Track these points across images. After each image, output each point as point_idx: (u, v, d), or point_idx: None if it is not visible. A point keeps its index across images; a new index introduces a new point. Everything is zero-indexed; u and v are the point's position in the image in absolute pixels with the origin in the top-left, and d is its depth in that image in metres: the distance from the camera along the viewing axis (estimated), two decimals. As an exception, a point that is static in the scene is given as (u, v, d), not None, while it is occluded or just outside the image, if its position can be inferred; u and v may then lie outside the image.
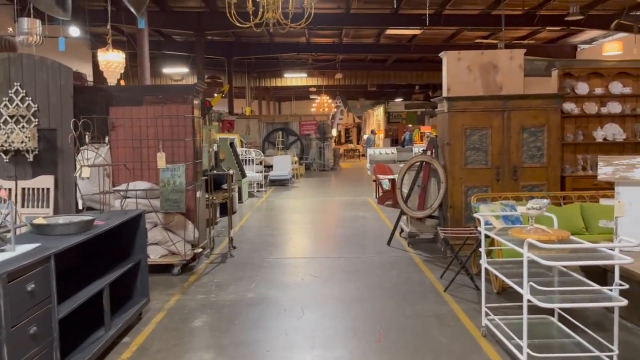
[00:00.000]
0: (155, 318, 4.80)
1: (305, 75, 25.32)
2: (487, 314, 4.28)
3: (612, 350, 3.46)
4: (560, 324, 4.13)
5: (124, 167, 6.33)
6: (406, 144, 22.60)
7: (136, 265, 4.67)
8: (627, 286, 3.34)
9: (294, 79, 26.15)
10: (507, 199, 5.75)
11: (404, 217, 7.81)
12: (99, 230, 3.85)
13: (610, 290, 3.41)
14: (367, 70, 25.49)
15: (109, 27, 9.25)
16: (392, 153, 15.34)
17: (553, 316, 4.22)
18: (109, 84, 9.73)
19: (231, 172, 7.62)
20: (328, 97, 28.76)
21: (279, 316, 4.84)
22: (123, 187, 6.07)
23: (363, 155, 28.62)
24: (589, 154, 7.25)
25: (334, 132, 27.71)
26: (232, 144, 12.00)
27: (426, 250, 7.23)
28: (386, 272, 6.24)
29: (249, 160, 14.58)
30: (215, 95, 20.19)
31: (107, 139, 6.26)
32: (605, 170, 4.47)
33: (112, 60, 9.36)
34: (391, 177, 11.27)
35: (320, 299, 5.34)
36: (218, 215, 9.62)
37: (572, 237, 3.59)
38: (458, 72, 7.17)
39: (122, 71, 9.94)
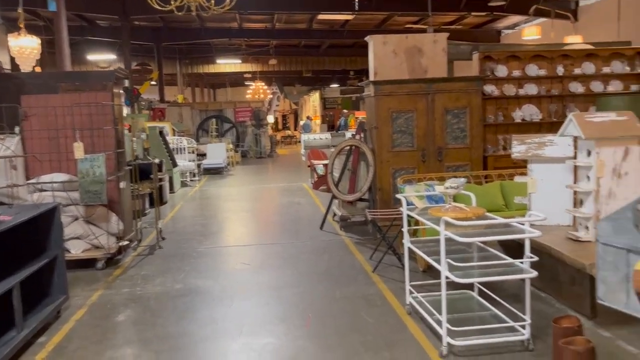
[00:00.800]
0: (75, 315, 4.59)
1: (239, 61, 24.90)
2: (411, 292, 4.39)
3: (524, 320, 3.63)
4: (479, 298, 4.29)
5: (43, 159, 6.00)
6: (342, 129, 22.77)
7: (52, 261, 4.44)
8: (536, 258, 3.50)
9: (228, 65, 25.66)
10: (432, 179, 5.89)
11: (336, 201, 7.87)
12: (4, 227, 3.61)
13: (522, 262, 3.56)
14: (301, 56, 25.41)
15: (20, 10, 8.67)
16: (327, 138, 15.41)
17: (474, 291, 4.39)
18: (22, 71, 9.14)
19: (157, 160, 7.37)
20: (263, 84, 28.46)
21: (208, 306, 4.76)
22: (41, 179, 5.75)
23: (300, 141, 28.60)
24: (509, 134, 7.54)
25: (271, 119, 27.50)
26: (161, 133, 11.64)
27: (357, 233, 7.33)
28: (318, 257, 6.27)
29: (181, 149, 14.21)
30: (145, 82, 19.50)
31: (17, 129, 5.88)
32: (519, 148, 4.66)
33: (26, 46, 8.77)
34: (325, 162, 11.30)
35: (252, 287, 5.29)
36: (147, 206, 9.33)
37: (486, 214, 3.72)
38: (384, 56, 7.24)
39: (38, 57, 9.35)
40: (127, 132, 7.32)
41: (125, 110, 15.58)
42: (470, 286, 4.39)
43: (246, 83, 31.73)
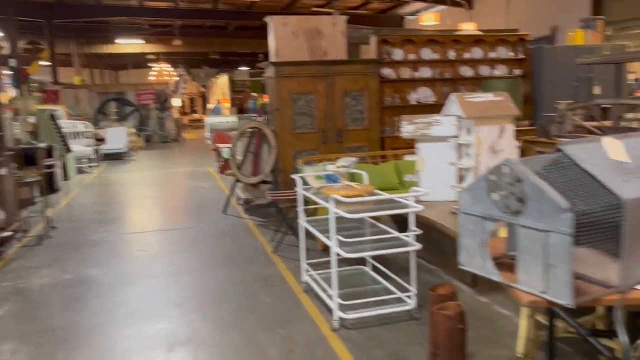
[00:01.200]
0: (-54, 313, 4.22)
1: (141, 41, 23.73)
2: (307, 271, 4.47)
3: (410, 290, 3.82)
4: (372, 273, 4.46)
5: None
6: (251, 112, 22.54)
7: None
8: (420, 231, 3.68)
9: (129, 45, 24.36)
10: (331, 160, 5.99)
11: (239, 184, 7.80)
12: None
13: (407, 236, 3.73)
14: (207, 37, 24.68)
15: None
16: (233, 121, 15.18)
17: (367, 266, 4.55)
18: None
19: (44, 145, 6.90)
20: (168, 65, 27.41)
21: (99, 295, 4.56)
22: None
23: (209, 125, 27.87)
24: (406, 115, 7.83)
25: (178, 102, 26.57)
26: (53, 116, 10.87)
27: (261, 215, 7.33)
28: (220, 240, 6.20)
29: (77, 134, 13.39)
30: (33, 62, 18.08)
31: None
32: (408, 128, 4.85)
33: None
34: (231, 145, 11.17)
35: (149, 274, 5.13)
36: (37, 194, 8.70)
37: (375, 191, 3.85)
38: (284, 37, 7.21)
39: None
40: (9, 115, 6.75)
41: (13, 92, 14.41)
42: (363, 262, 4.55)
43: (149, 65, 30.38)
